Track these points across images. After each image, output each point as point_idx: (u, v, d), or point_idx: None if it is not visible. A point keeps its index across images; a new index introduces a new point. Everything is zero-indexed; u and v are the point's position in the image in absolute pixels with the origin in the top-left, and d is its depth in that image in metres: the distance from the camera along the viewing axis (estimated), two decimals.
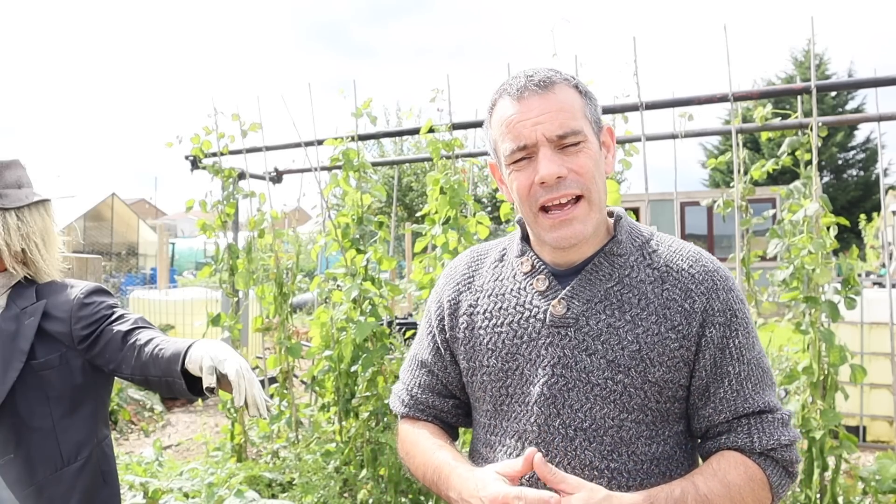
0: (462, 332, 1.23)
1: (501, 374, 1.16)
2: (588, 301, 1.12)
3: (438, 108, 3.31)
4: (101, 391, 1.64)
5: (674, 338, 1.08)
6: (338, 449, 3.42)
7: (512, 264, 1.23)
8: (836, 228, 2.87)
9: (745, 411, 1.09)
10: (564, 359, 1.10)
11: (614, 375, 1.08)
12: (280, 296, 3.93)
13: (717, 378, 1.10)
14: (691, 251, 1.16)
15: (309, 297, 8.92)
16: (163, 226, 16.72)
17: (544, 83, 1.10)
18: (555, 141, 1.08)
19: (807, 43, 23.23)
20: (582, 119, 1.11)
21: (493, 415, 1.18)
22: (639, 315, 1.10)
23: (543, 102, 1.09)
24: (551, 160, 1.07)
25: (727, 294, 1.12)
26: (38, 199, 1.61)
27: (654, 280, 1.12)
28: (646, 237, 1.19)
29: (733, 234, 3.30)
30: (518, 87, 1.11)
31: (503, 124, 1.12)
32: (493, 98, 1.18)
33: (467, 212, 3.27)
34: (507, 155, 1.12)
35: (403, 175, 17.34)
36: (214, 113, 4.12)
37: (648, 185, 3.16)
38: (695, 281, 1.11)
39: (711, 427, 1.12)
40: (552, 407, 1.10)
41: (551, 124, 1.08)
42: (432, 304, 1.33)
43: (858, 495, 3.02)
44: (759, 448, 1.08)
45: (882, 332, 3.79)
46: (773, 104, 3.04)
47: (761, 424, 1.09)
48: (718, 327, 1.10)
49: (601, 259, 1.15)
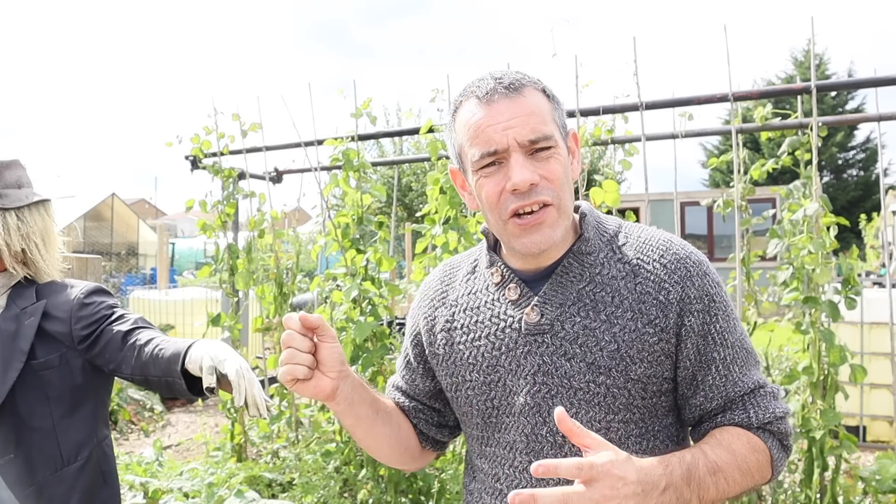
0: (442, 349, 1.22)
1: (485, 388, 1.14)
2: (561, 305, 1.10)
3: (438, 108, 3.32)
4: (101, 391, 1.64)
5: (652, 332, 1.07)
6: (338, 449, 3.42)
7: (483, 275, 1.21)
8: (836, 228, 2.87)
9: (737, 393, 1.09)
10: (544, 366, 1.09)
11: (595, 378, 1.06)
12: (280, 296, 3.93)
13: (704, 365, 1.09)
14: (660, 240, 1.13)
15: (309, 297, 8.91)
16: (163, 226, 16.73)
17: (514, 86, 1.07)
18: (526, 146, 1.05)
19: (807, 43, 23.23)
20: (552, 123, 1.08)
21: (483, 427, 1.17)
22: (614, 313, 1.08)
23: (513, 106, 1.06)
24: (524, 166, 1.04)
25: (702, 279, 1.09)
26: (38, 199, 1.61)
27: (626, 275, 1.10)
28: (613, 231, 1.17)
29: (733, 234, 3.30)
30: (486, 89, 1.08)
31: (470, 128, 1.08)
32: (457, 100, 1.14)
33: (467, 212, 3.27)
34: (476, 160, 1.08)
35: (403, 175, 17.34)
36: (214, 113, 4.13)
37: (648, 185, 3.16)
38: (667, 271, 1.09)
39: (705, 413, 1.11)
40: (538, 416, 1.09)
41: (523, 129, 1.05)
42: (409, 321, 1.32)
43: (858, 495, 3.02)
44: (757, 422, 1.08)
45: (882, 332, 3.79)
46: (773, 104, 3.04)
47: (755, 400, 1.09)
48: (697, 314, 1.08)
49: (570, 260, 1.12)
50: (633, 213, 2.84)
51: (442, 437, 1.33)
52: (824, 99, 19.49)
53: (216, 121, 4.13)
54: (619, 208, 2.84)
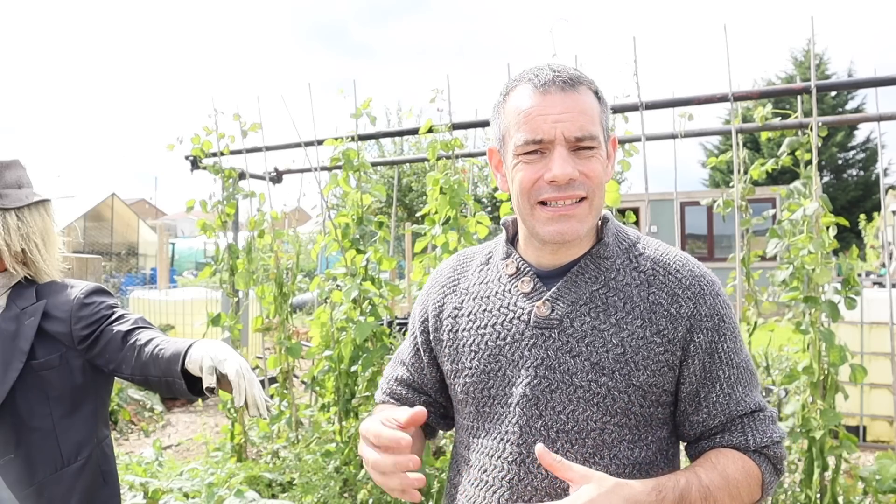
0: (446, 335, 1.23)
1: (484, 376, 1.15)
2: (573, 303, 1.12)
3: (438, 109, 3.31)
4: (101, 391, 1.64)
5: (659, 342, 1.08)
6: (338, 449, 3.43)
7: (497, 267, 1.22)
8: (835, 228, 2.87)
9: (739, 413, 1.10)
10: (548, 360, 1.10)
11: (598, 378, 1.08)
12: (280, 296, 3.93)
13: (709, 383, 1.10)
14: (678, 256, 1.16)
15: (309, 297, 8.92)
16: (163, 226, 16.74)
17: (570, 82, 1.09)
18: (572, 142, 1.07)
19: (807, 43, 23.26)
20: (598, 125, 1.10)
21: (475, 417, 1.18)
22: (624, 318, 1.09)
23: (567, 101, 1.08)
24: (566, 160, 1.06)
25: (714, 299, 1.12)
26: (38, 199, 1.61)
27: (641, 283, 1.12)
28: (632, 241, 1.19)
29: (733, 234, 3.30)
30: (544, 79, 1.09)
31: (520, 114, 1.10)
32: (510, 84, 1.15)
33: (467, 212, 3.27)
34: (519, 145, 1.09)
35: (403, 175, 17.34)
36: (214, 113, 4.13)
37: (648, 185, 3.16)
38: (681, 286, 1.11)
39: (705, 431, 1.12)
40: (534, 408, 1.10)
41: (572, 125, 1.07)
42: (417, 306, 1.33)
43: (858, 495, 3.02)
44: (754, 446, 1.09)
45: (882, 332, 3.79)
46: (773, 104, 3.04)
47: (754, 423, 1.10)
48: (707, 332, 1.10)
49: (587, 261, 1.14)
50: (633, 213, 2.84)
51: (441, 427, 1.35)
52: (824, 99, 19.49)
53: (216, 121, 4.13)
54: (619, 208, 2.84)
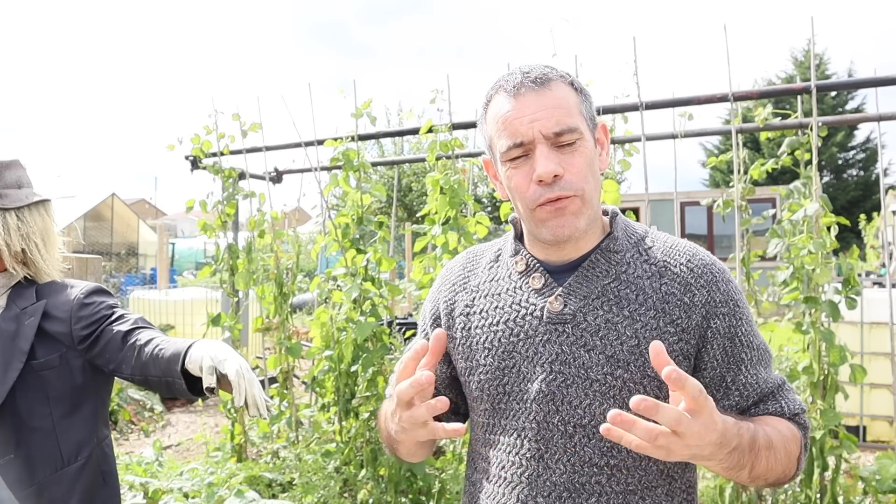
0: (459, 333, 1.23)
1: (498, 373, 1.16)
2: (585, 297, 1.12)
3: (438, 109, 3.32)
4: (101, 391, 1.64)
5: (672, 332, 1.09)
6: (338, 449, 3.43)
7: (507, 264, 1.23)
8: (836, 228, 2.87)
9: (769, 389, 1.12)
10: (563, 355, 1.11)
11: (613, 371, 1.08)
12: (280, 296, 3.93)
13: (733, 367, 1.11)
14: (687, 246, 1.17)
15: (309, 297, 8.92)
16: (163, 226, 16.74)
17: (540, 80, 1.10)
18: (551, 138, 1.08)
19: (807, 43, 23.27)
20: (578, 116, 1.11)
21: (491, 413, 1.18)
22: (637, 310, 1.10)
23: (540, 99, 1.09)
24: (548, 158, 1.08)
25: (727, 285, 1.13)
26: (38, 199, 1.61)
27: (652, 275, 1.13)
28: (641, 234, 1.20)
29: (733, 234, 3.30)
30: (514, 83, 1.11)
31: (499, 121, 1.12)
32: (488, 94, 1.18)
33: (467, 212, 3.27)
34: (504, 152, 1.11)
35: (403, 175, 17.34)
36: (214, 113, 4.13)
37: (648, 184, 3.16)
38: (693, 275, 1.12)
39: (741, 412, 1.13)
40: (551, 404, 1.10)
41: (548, 121, 1.08)
42: (428, 304, 1.34)
43: (858, 495, 3.02)
44: (789, 413, 1.11)
45: (882, 332, 3.79)
46: (773, 104, 3.04)
47: (782, 393, 1.13)
48: (724, 317, 1.11)
49: (597, 256, 1.15)
50: (633, 213, 2.84)
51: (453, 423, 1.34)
52: (824, 99, 19.49)
53: (216, 121, 4.13)
54: (619, 208, 2.83)
